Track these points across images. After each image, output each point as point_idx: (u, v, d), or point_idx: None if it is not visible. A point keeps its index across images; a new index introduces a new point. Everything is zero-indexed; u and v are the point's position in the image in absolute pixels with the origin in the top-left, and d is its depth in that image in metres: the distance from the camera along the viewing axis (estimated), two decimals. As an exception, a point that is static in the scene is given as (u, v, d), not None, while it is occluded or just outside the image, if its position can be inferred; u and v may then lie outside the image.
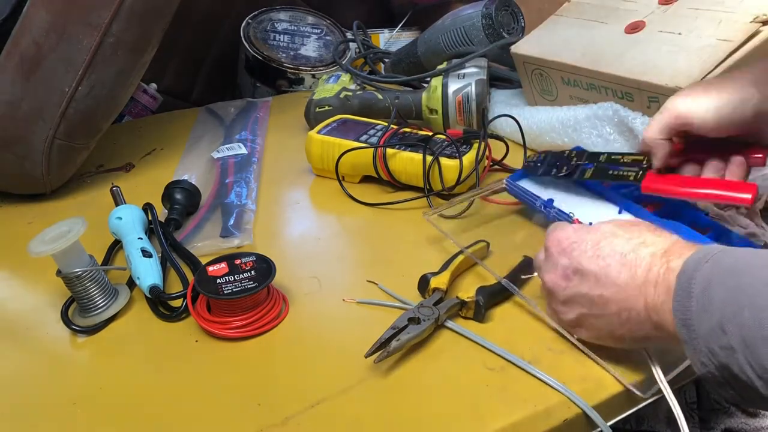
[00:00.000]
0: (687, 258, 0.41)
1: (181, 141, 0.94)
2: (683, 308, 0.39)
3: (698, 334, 0.38)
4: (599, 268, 0.46)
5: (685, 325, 0.39)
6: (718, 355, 0.37)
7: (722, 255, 0.40)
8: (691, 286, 0.39)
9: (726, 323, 0.36)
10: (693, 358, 0.39)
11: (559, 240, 0.49)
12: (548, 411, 0.46)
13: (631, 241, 0.46)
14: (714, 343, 0.37)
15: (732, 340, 0.36)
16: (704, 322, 0.38)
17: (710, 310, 0.37)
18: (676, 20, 0.75)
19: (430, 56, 1.00)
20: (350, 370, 0.50)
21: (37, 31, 0.72)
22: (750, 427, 0.66)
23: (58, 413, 0.49)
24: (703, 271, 0.39)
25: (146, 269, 0.60)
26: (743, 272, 0.38)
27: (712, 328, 0.37)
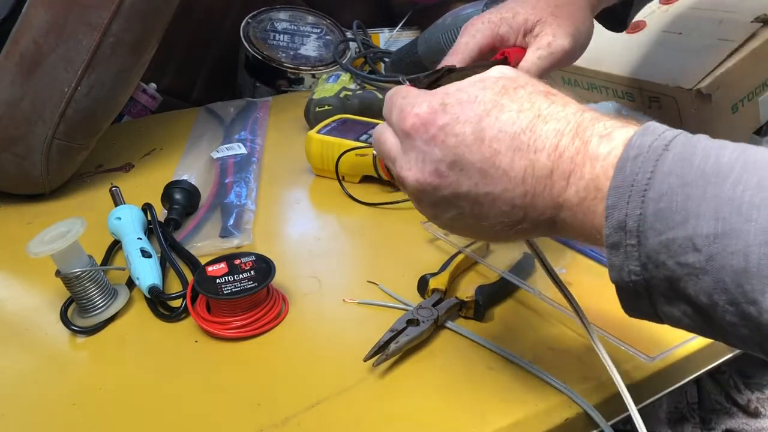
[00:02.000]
0: (628, 140, 0.32)
1: (181, 141, 0.94)
2: (625, 209, 0.31)
3: (640, 242, 0.31)
4: (484, 157, 0.35)
5: (621, 228, 0.31)
6: (667, 269, 0.31)
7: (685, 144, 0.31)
8: (644, 183, 0.31)
9: (702, 241, 0.29)
10: (616, 264, 0.32)
11: (425, 122, 0.37)
12: (549, 410, 0.46)
13: (522, 114, 0.35)
14: (667, 257, 0.30)
15: (708, 263, 0.29)
16: (658, 230, 0.30)
17: (672, 219, 0.30)
18: (677, 20, 0.75)
19: (430, 55, 0.99)
20: (350, 370, 0.50)
21: (37, 30, 0.72)
22: (751, 428, 0.66)
23: (58, 413, 0.49)
24: (664, 164, 0.31)
25: (146, 269, 0.60)
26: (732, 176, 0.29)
27: (671, 240, 0.30)
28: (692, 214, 0.30)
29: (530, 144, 0.35)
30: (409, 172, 0.38)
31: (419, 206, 0.40)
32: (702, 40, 0.69)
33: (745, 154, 0.30)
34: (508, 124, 0.35)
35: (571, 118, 0.35)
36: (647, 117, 0.69)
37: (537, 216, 0.36)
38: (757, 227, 0.28)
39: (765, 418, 0.66)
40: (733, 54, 0.66)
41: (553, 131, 0.35)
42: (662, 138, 0.32)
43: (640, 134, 0.32)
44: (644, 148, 0.32)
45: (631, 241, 0.31)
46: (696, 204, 0.30)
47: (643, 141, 0.32)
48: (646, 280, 0.32)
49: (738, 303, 0.29)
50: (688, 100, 0.65)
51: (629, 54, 0.74)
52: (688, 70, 0.66)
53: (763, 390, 0.67)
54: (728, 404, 0.67)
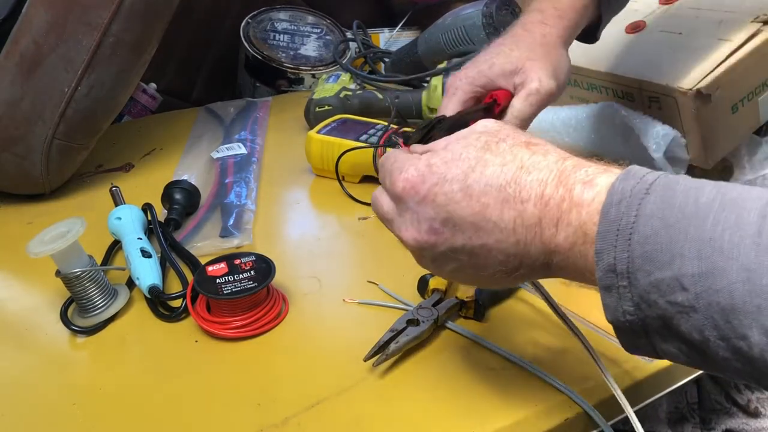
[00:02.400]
0: (611, 186, 0.34)
1: (181, 141, 0.94)
2: (613, 252, 0.32)
3: (631, 283, 0.32)
4: (474, 212, 0.37)
5: (612, 271, 0.33)
6: (659, 308, 0.32)
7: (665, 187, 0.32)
8: (629, 227, 0.32)
9: (688, 281, 0.30)
10: (611, 305, 0.33)
11: (414, 185, 0.39)
12: (549, 410, 0.46)
13: (505, 167, 0.37)
14: (658, 296, 0.31)
15: (696, 301, 0.30)
16: (646, 271, 0.31)
17: (659, 260, 0.31)
18: (677, 20, 0.74)
19: (430, 55, 0.99)
20: (350, 370, 0.50)
21: (37, 30, 0.72)
22: (751, 428, 0.66)
23: (58, 413, 0.49)
24: (647, 207, 0.32)
25: (146, 269, 0.60)
26: (711, 217, 0.30)
27: (660, 281, 0.31)
28: (677, 255, 0.31)
29: (516, 195, 0.36)
30: (407, 233, 0.40)
31: (421, 262, 0.42)
32: (702, 40, 0.69)
33: (722, 193, 0.31)
34: (493, 178, 0.37)
35: (553, 167, 0.36)
36: (647, 117, 0.69)
37: (532, 262, 0.37)
38: (738, 265, 0.29)
39: (765, 418, 0.66)
40: (733, 54, 0.65)
41: (536, 181, 0.36)
42: (643, 181, 0.33)
43: (622, 179, 0.34)
44: (626, 193, 0.33)
45: (622, 282, 0.33)
46: (679, 245, 0.31)
47: (625, 186, 0.33)
48: (641, 319, 0.33)
49: (728, 338, 0.30)
50: (688, 100, 0.65)
51: (629, 54, 0.74)
52: (688, 70, 0.66)
53: (762, 390, 0.67)
54: (728, 404, 0.67)
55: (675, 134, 0.67)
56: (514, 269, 0.38)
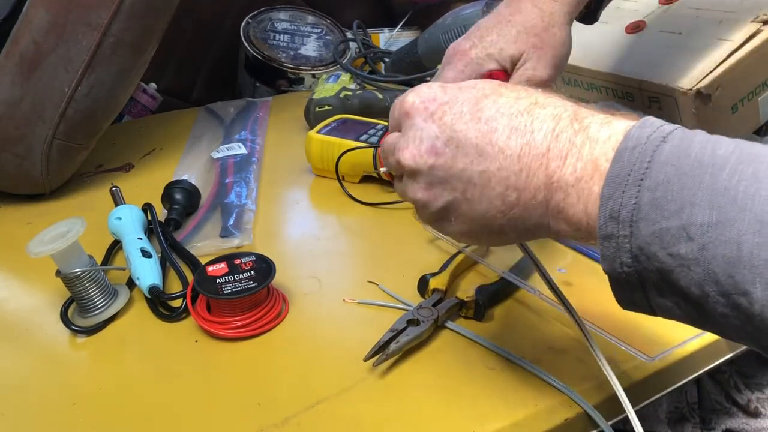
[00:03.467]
0: (627, 130, 0.33)
1: (181, 141, 0.94)
2: (620, 198, 0.31)
3: (632, 233, 0.31)
4: (481, 134, 0.36)
5: (614, 218, 0.32)
6: (659, 261, 0.31)
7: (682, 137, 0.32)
8: (641, 172, 0.31)
9: (696, 230, 0.29)
10: (609, 255, 0.32)
11: (424, 101, 0.38)
12: (549, 410, 0.46)
13: (520, 100, 0.36)
14: (659, 248, 0.30)
15: (700, 253, 0.29)
16: (651, 219, 0.31)
17: (667, 208, 0.30)
18: (677, 20, 0.75)
19: (430, 55, 0.99)
20: (350, 370, 0.50)
21: (37, 30, 0.72)
22: (751, 428, 0.66)
23: (58, 413, 0.49)
24: (662, 154, 0.31)
25: (146, 269, 0.60)
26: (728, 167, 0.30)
27: (664, 230, 0.30)
28: (687, 203, 0.30)
29: (527, 125, 0.35)
30: (405, 151, 0.38)
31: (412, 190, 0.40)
32: (702, 40, 0.69)
33: (740, 147, 0.31)
34: (505, 107, 0.36)
35: (569, 106, 0.36)
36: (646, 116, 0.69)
37: (529, 199, 0.35)
38: (751, 216, 0.28)
39: (765, 418, 0.66)
40: (732, 54, 0.66)
41: (550, 115, 0.35)
42: (660, 130, 0.32)
43: (639, 126, 0.33)
44: (642, 139, 0.32)
45: (623, 231, 0.32)
46: (692, 193, 0.30)
47: (642, 132, 0.32)
48: (638, 272, 0.32)
49: (729, 294, 0.29)
50: (688, 100, 0.65)
51: (629, 54, 0.74)
52: (688, 70, 0.66)
53: (763, 390, 0.67)
54: (728, 404, 0.67)
55: (675, 134, 0.67)
56: (510, 206, 0.36)
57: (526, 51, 0.57)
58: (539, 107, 0.36)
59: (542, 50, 0.57)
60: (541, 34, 0.57)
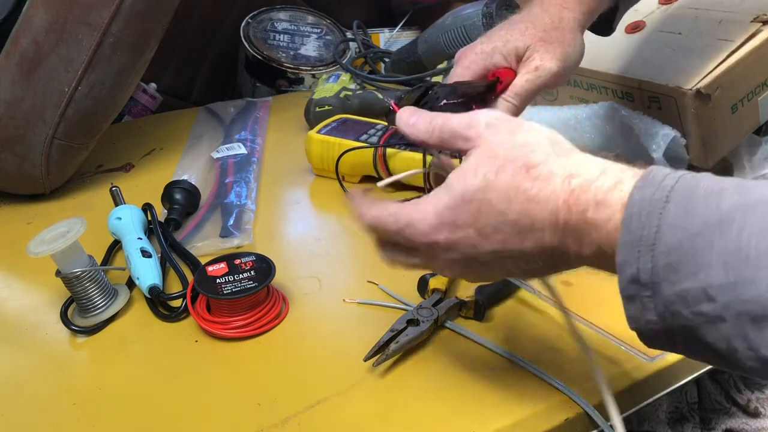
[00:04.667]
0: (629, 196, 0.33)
1: (181, 141, 0.94)
2: (636, 263, 0.32)
3: (655, 293, 0.32)
4: (495, 249, 0.38)
5: (636, 282, 0.32)
6: (684, 318, 0.31)
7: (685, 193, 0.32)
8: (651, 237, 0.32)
9: (715, 291, 0.30)
10: (634, 315, 0.34)
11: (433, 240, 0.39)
12: (549, 410, 0.46)
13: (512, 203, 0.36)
14: (683, 307, 0.31)
15: (724, 311, 0.30)
16: (671, 281, 0.31)
17: (684, 271, 0.31)
18: (676, 20, 0.74)
19: (430, 55, 0.99)
20: (350, 370, 0.50)
21: (37, 30, 0.72)
22: (751, 428, 0.66)
23: (58, 413, 0.49)
24: (668, 216, 0.31)
25: (146, 269, 0.60)
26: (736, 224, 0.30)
27: (685, 291, 0.31)
28: (703, 266, 0.30)
29: (530, 226, 0.36)
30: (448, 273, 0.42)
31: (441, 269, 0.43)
32: (702, 40, 0.69)
33: (745, 196, 0.31)
34: (502, 216, 0.37)
35: (559, 193, 0.36)
36: (647, 117, 0.69)
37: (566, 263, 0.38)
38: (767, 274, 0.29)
39: (765, 417, 0.66)
40: (732, 54, 0.65)
41: (546, 211, 0.36)
42: (662, 188, 0.32)
43: (640, 187, 0.33)
44: (646, 202, 0.32)
45: (646, 293, 0.32)
46: (705, 255, 0.30)
47: (644, 194, 0.33)
48: (665, 328, 0.33)
49: (757, 348, 0.30)
50: (688, 100, 0.65)
51: (629, 54, 0.74)
52: (687, 70, 0.66)
53: (762, 390, 0.67)
54: (728, 404, 0.67)
55: (675, 134, 0.67)
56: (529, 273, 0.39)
57: (533, 44, 0.55)
58: (533, 203, 0.36)
59: (550, 44, 0.56)
60: (549, 31, 0.56)
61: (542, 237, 0.36)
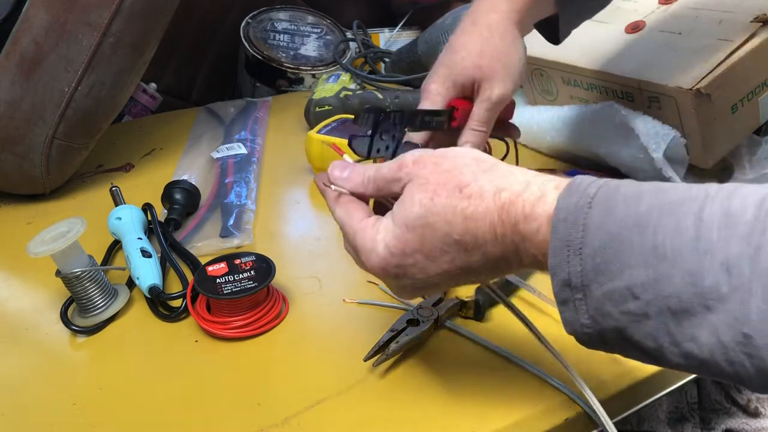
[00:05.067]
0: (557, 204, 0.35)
1: (181, 141, 0.94)
2: (567, 268, 0.34)
3: (586, 295, 0.34)
4: (444, 269, 0.39)
5: (567, 285, 0.34)
6: (612, 318, 0.33)
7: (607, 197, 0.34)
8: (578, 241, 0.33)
9: (639, 290, 0.32)
10: (569, 318, 0.35)
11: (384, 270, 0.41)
12: (549, 410, 0.46)
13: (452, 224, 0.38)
14: (612, 307, 0.33)
15: (648, 308, 0.32)
16: (599, 282, 0.33)
17: (609, 272, 0.32)
18: (676, 20, 0.74)
19: (430, 55, 1.00)
20: (350, 370, 0.50)
21: (37, 30, 0.72)
22: (751, 428, 0.66)
23: (58, 413, 0.49)
24: (592, 220, 0.33)
25: (146, 269, 0.60)
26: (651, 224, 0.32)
27: (612, 291, 0.32)
28: (625, 266, 0.32)
29: (473, 242, 0.38)
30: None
31: None
32: (702, 40, 0.69)
33: (659, 199, 0.33)
34: (446, 237, 0.38)
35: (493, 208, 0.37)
36: (647, 117, 0.69)
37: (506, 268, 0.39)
38: (682, 270, 0.30)
39: (765, 417, 0.66)
40: (732, 54, 0.65)
41: (485, 226, 0.37)
42: (585, 195, 0.34)
43: (565, 195, 0.35)
44: (571, 209, 0.34)
45: (578, 296, 0.34)
46: (626, 256, 0.32)
47: (569, 202, 0.34)
48: (597, 331, 0.34)
49: (680, 343, 0.31)
50: (688, 100, 0.65)
51: (629, 54, 0.74)
52: (687, 70, 0.66)
53: (762, 390, 0.67)
54: (728, 404, 0.67)
55: (675, 134, 0.67)
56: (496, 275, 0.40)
57: (476, 77, 0.58)
58: (472, 221, 0.37)
59: (491, 70, 0.58)
60: (485, 51, 0.58)
61: (486, 251, 0.38)
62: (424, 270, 0.40)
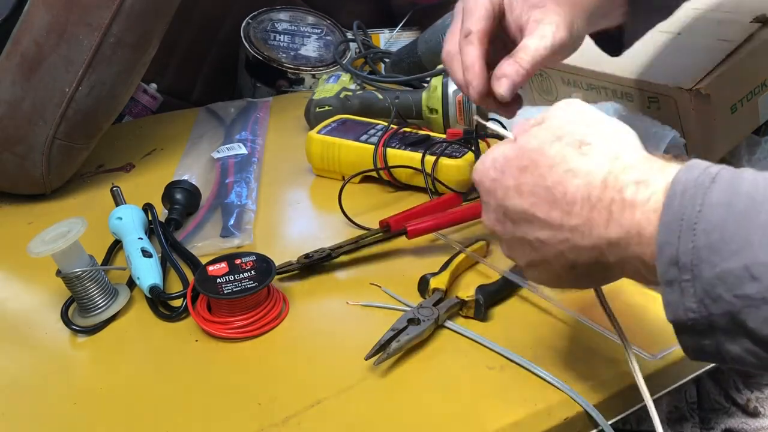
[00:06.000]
0: (674, 177, 0.33)
1: (181, 141, 0.94)
2: (676, 244, 0.31)
3: (695, 276, 0.31)
4: (524, 209, 0.39)
5: (675, 264, 0.32)
6: (725, 302, 0.30)
7: (731, 176, 0.32)
8: (694, 216, 0.31)
9: (759, 270, 0.29)
10: (673, 301, 0.32)
11: (481, 179, 0.42)
12: (549, 410, 0.46)
13: (553, 169, 0.37)
14: (724, 290, 0.30)
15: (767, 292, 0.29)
16: (712, 262, 0.30)
17: (726, 250, 0.30)
18: (676, 20, 0.74)
19: (430, 56, 0.99)
20: (350, 370, 0.50)
21: (38, 31, 0.72)
22: (750, 427, 0.66)
23: (59, 413, 0.49)
24: (713, 196, 0.31)
25: (146, 269, 0.60)
26: None
27: (727, 272, 0.30)
28: (746, 243, 0.30)
29: (562, 197, 0.37)
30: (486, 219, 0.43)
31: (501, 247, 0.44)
32: (701, 40, 0.69)
33: None
34: (540, 179, 0.38)
35: (602, 167, 0.36)
36: (647, 117, 0.69)
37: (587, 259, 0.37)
38: None
39: (764, 417, 0.66)
40: (732, 54, 0.66)
41: (583, 184, 0.36)
42: (707, 172, 0.32)
43: (685, 170, 0.33)
44: (690, 183, 0.32)
45: (685, 276, 0.31)
46: (748, 232, 0.30)
47: (689, 176, 0.32)
48: (705, 317, 0.32)
49: None
50: (687, 100, 0.65)
51: (628, 54, 0.74)
52: (687, 70, 0.66)
53: (762, 389, 0.67)
54: (728, 404, 0.67)
55: (674, 134, 0.67)
56: (570, 265, 0.38)
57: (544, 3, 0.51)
58: (571, 175, 0.37)
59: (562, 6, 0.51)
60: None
61: (570, 210, 0.36)
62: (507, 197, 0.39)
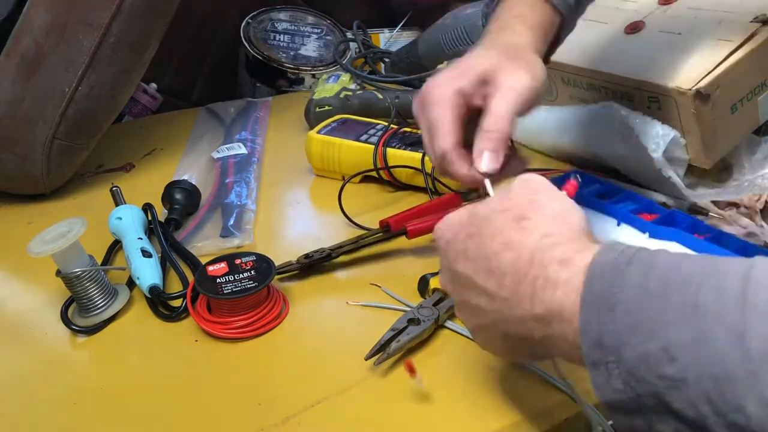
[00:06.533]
0: (592, 259, 0.34)
1: (181, 141, 0.94)
2: (599, 327, 0.32)
3: (619, 358, 0.31)
4: (467, 274, 0.40)
5: (599, 346, 0.32)
6: (649, 384, 0.30)
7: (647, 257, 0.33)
8: (613, 298, 0.32)
9: (677, 350, 0.29)
10: (600, 383, 0.32)
11: (438, 239, 0.44)
12: (549, 410, 0.46)
13: (493, 241, 0.39)
14: (646, 371, 0.30)
15: (686, 372, 0.29)
16: (632, 344, 0.31)
17: (644, 331, 0.30)
18: (676, 20, 0.75)
19: (430, 56, 1.00)
20: (350, 370, 0.50)
21: (38, 31, 0.72)
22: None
23: (59, 413, 0.49)
24: (630, 277, 0.32)
25: (146, 269, 0.60)
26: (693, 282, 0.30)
27: (647, 353, 0.30)
28: (662, 324, 0.30)
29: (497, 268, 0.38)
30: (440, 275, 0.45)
31: None
32: (701, 40, 0.69)
33: (702, 260, 0.31)
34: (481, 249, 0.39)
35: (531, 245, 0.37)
36: (647, 117, 0.69)
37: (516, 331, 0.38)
38: (726, 329, 0.28)
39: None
40: (732, 54, 0.66)
41: (513, 258, 0.37)
42: (624, 254, 0.33)
43: (603, 252, 0.34)
44: (608, 265, 0.33)
45: (611, 357, 0.32)
46: (663, 313, 0.30)
47: (606, 258, 0.34)
48: (632, 398, 0.32)
49: (724, 413, 0.28)
50: (688, 100, 0.65)
51: (628, 54, 0.74)
52: (687, 70, 0.66)
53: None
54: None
55: (674, 134, 0.67)
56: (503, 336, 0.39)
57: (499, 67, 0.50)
58: (507, 249, 0.38)
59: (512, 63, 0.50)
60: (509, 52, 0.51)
61: (503, 282, 0.37)
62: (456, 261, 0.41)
